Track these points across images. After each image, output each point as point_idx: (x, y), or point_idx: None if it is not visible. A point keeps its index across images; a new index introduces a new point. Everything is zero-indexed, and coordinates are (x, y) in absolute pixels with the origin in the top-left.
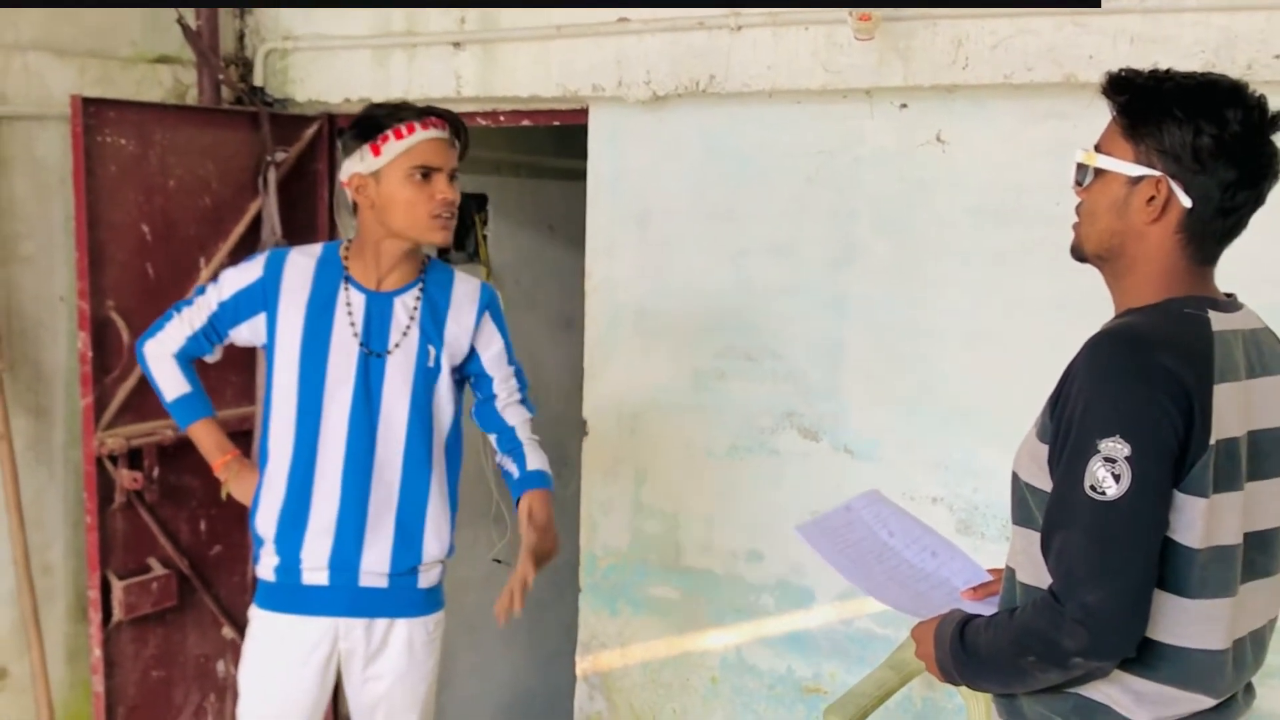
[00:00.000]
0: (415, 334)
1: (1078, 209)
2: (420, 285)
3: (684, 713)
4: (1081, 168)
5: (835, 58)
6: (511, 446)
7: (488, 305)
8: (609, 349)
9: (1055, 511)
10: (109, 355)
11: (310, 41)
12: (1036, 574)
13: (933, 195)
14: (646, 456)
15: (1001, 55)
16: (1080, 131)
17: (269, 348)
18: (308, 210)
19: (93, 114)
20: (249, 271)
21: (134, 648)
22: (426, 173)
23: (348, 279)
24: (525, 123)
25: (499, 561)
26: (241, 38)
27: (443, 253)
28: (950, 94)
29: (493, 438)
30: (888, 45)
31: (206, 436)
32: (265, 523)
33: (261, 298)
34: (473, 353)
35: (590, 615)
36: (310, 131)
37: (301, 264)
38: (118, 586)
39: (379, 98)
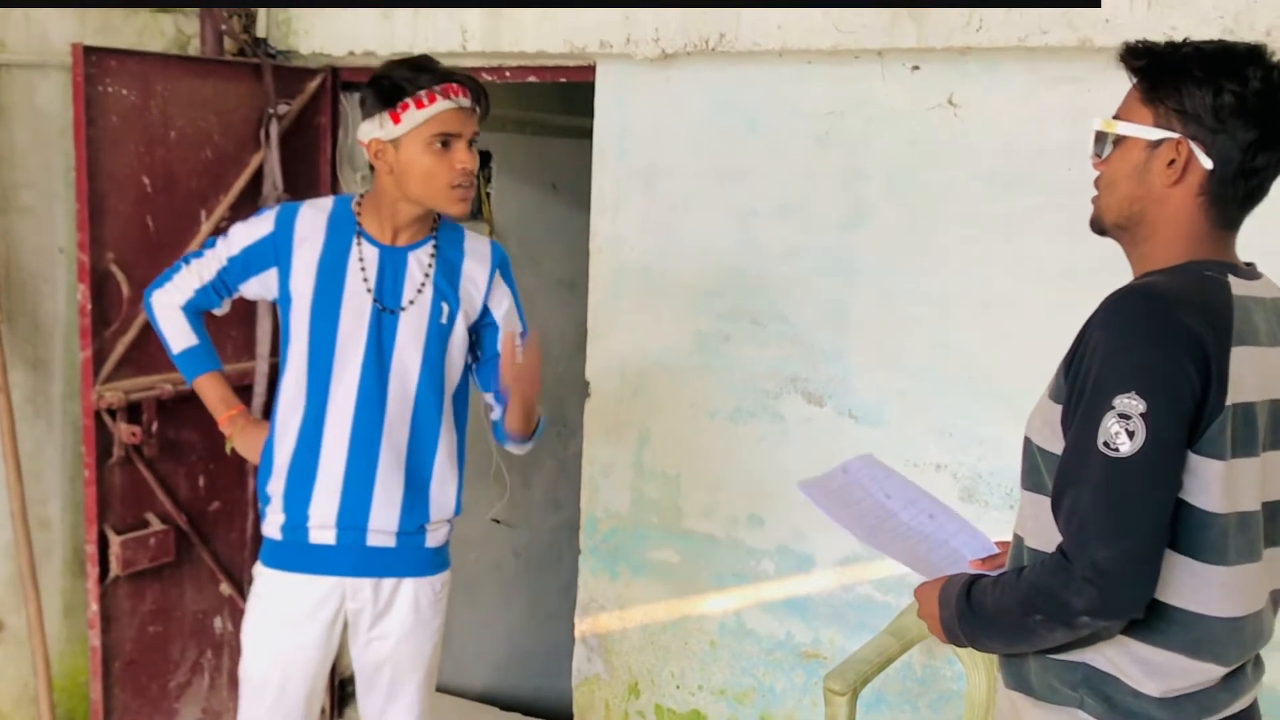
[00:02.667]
0: (429, 291)
1: (1096, 181)
2: (434, 241)
3: (682, 675)
4: (1100, 137)
5: (847, 17)
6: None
7: (499, 264)
8: (613, 309)
9: (1067, 468)
10: (108, 308)
11: (314, 5)
12: (1046, 539)
13: (944, 159)
14: (649, 419)
15: (1016, 18)
16: (1095, 96)
17: (282, 303)
18: (310, 164)
19: (94, 63)
20: (259, 226)
21: (131, 603)
22: (446, 140)
23: (361, 233)
24: (531, 79)
25: (498, 521)
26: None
27: None
28: (963, 56)
29: (488, 397)
30: (900, 6)
31: (212, 390)
32: (274, 480)
33: (273, 252)
34: (485, 312)
35: (590, 577)
36: (313, 84)
37: (313, 218)
38: (115, 541)
39: (384, 52)
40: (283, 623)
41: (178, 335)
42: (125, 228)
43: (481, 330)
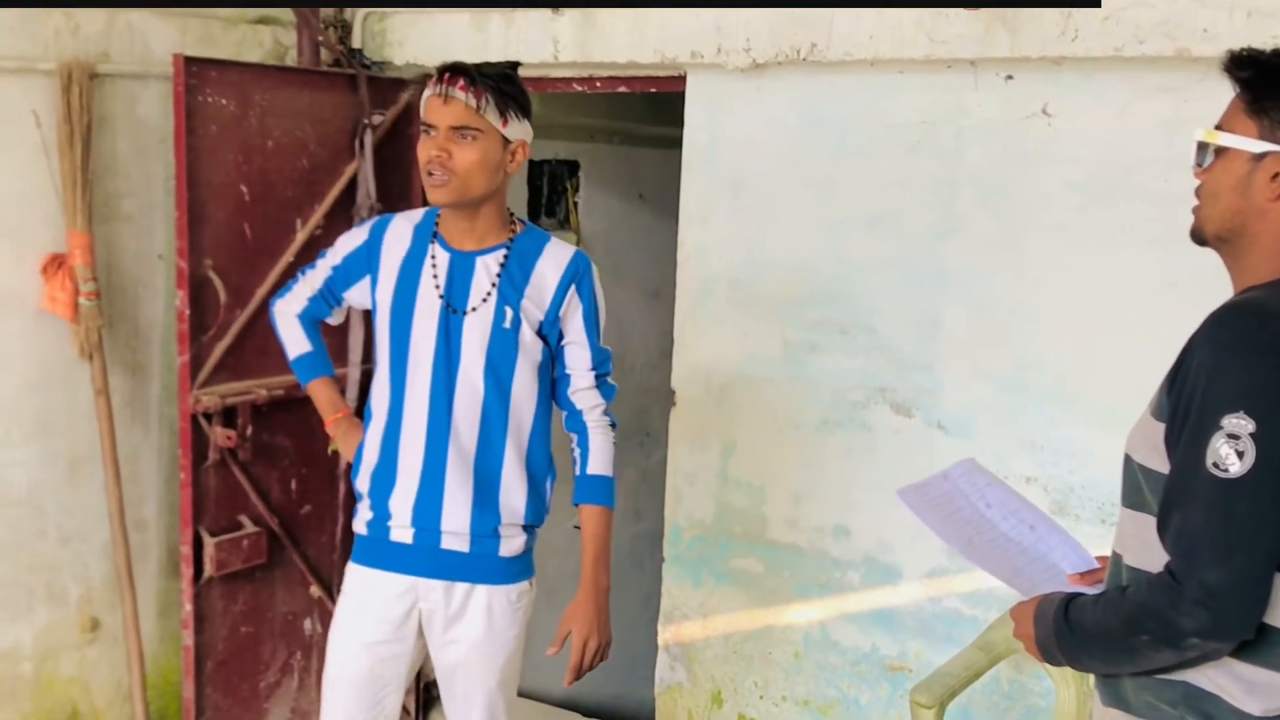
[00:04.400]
0: (495, 295)
1: (1197, 191)
2: (507, 248)
3: (765, 686)
4: (1202, 147)
5: (940, 27)
6: (576, 427)
7: (575, 276)
8: (699, 318)
9: (1175, 489)
10: (206, 314)
11: (409, 5)
12: (1146, 558)
13: (1037, 169)
14: (734, 428)
15: (1112, 27)
16: (1192, 107)
17: (372, 310)
18: (402, 174)
19: (194, 74)
20: (357, 236)
21: (224, 603)
22: (428, 129)
23: (436, 237)
24: (622, 89)
25: (579, 528)
26: (341, 5)
27: (533, 219)
28: (1058, 66)
29: (563, 415)
30: (995, 16)
31: (322, 394)
32: (362, 478)
33: (366, 261)
34: (556, 323)
35: (673, 586)
36: (406, 95)
37: (401, 228)
38: (209, 543)
39: (476, 62)
40: (361, 617)
41: (293, 342)
42: (223, 235)
43: (554, 344)
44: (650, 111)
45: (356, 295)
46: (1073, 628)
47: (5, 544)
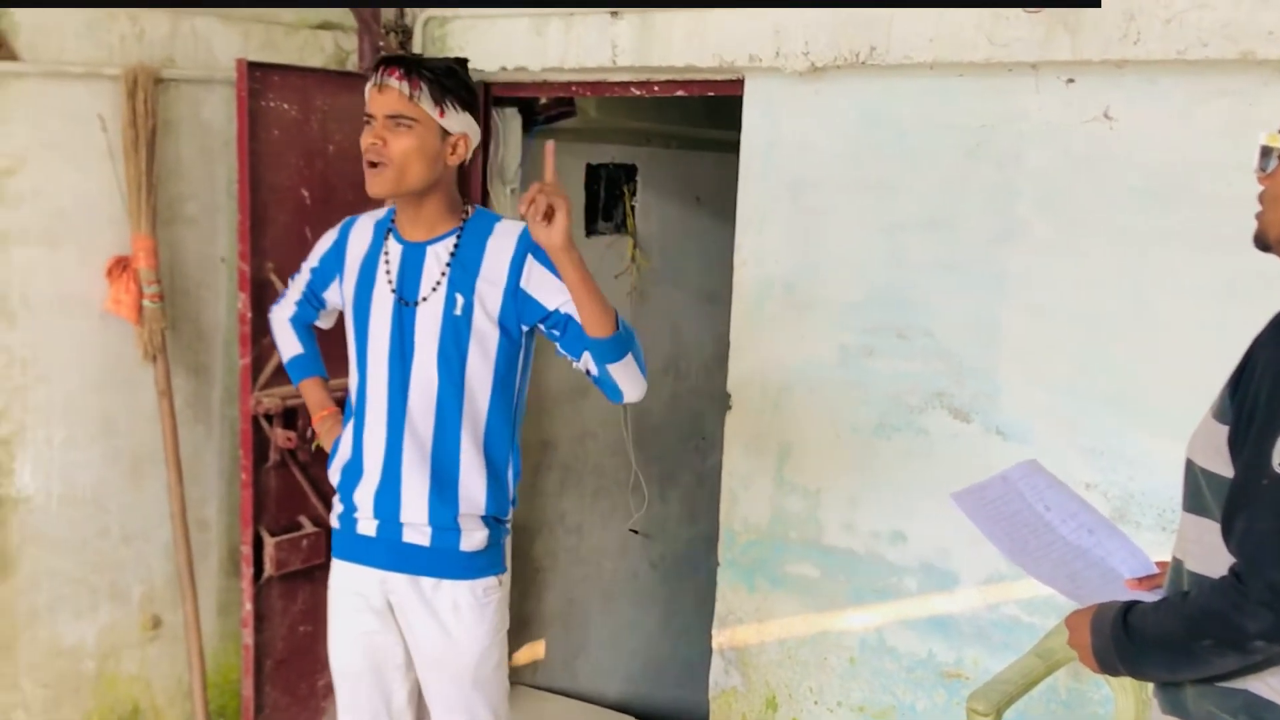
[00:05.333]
0: (445, 284)
1: (1260, 196)
2: (457, 235)
3: (820, 691)
4: (1265, 152)
5: (1001, 30)
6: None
7: (530, 247)
8: (755, 322)
9: (1240, 492)
10: (267, 316)
11: (469, 9)
12: (1209, 563)
13: (1098, 173)
14: (790, 432)
15: (1175, 30)
16: (1256, 110)
17: (344, 308)
18: (461, 177)
19: (257, 78)
20: (329, 237)
21: (283, 603)
22: (367, 119)
23: (390, 231)
24: (680, 93)
25: (635, 532)
26: (402, 5)
27: (590, 223)
28: (1120, 69)
29: (584, 358)
30: (1056, 18)
31: (311, 394)
32: (334, 471)
33: (335, 262)
34: (527, 299)
35: (728, 590)
36: None
37: (365, 225)
38: (269, 543)
39: (535, 67)
40: (343, 609)
41: (286, 345)
42: (284, 238)
43: (540, 314)
44: (707, 115)
45: (333, 295)
46: (1132, 635)
47: (70, 543)
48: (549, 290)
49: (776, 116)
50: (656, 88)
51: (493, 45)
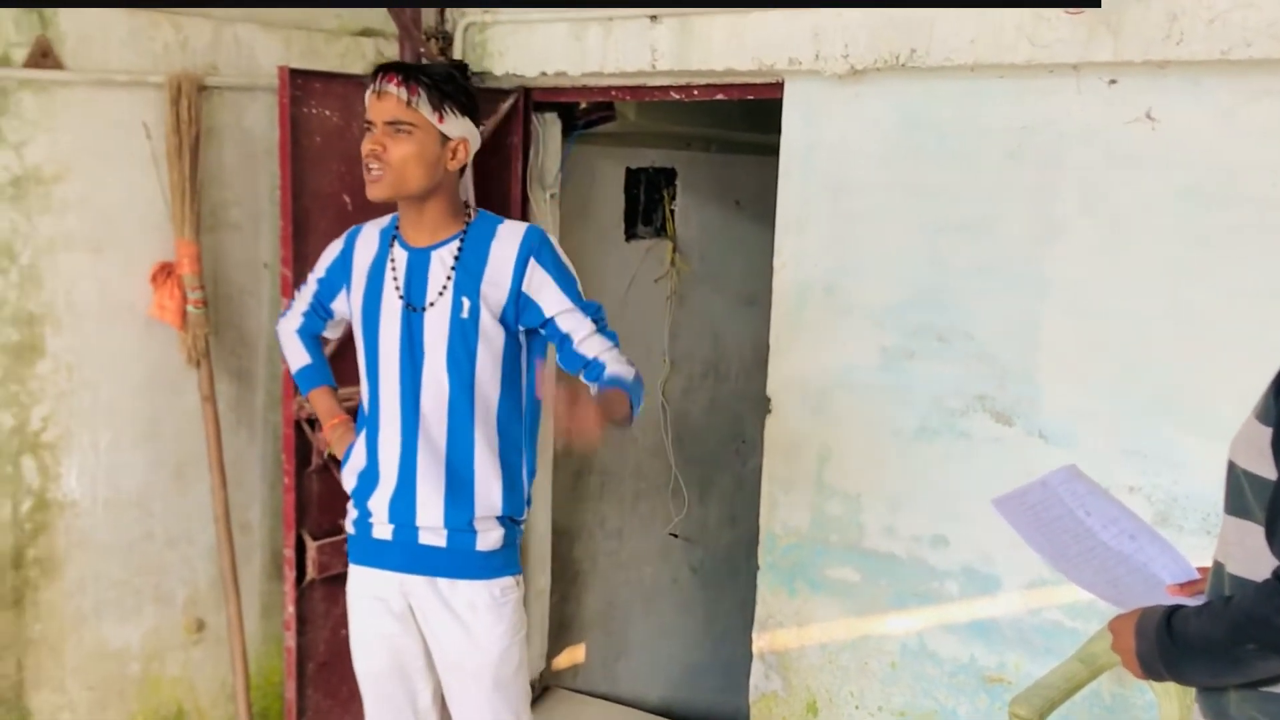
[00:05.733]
0: (451, 288)
1: None
2: (460, 239)
3: (861, 696)
4: None
5: (1042, 32)
6: (596, 370)
7: (532, 250)
8: (795, 326)
9: None
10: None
11: (510, 15)
12: (1251, 567)
13: (1141, 174)
14: (830, 436)
15: (1219, 30)
16: None
17: (353, 317)
18: (501, 183)
19: (299, 85)
20: (335, 247)
21: (325, 606)
22: (367, 126)
23: (396, 237)
24: (719, 97)
25: (675, 535)
26: (442, 11)
27: (630, 227)
28: (1162, 70)
29: (580, 374)
30: (1098, 19)
31: (321, 403)
32: (347, 478)
33: (342, 271)
34: (529, 302)
35: (768, 594)
36: (506, 105)
37: (370, 234)
38: (311, 546)
39: (574, 71)
40: (363, 612)
41: (294, 355)
42: (326, 244)
43: (539, 320)
44: (747, 119)
45: (341, 305)
46: (1175, 639)
47: (115, 546)
48: (548, 296)
49: (816, 119)
50: (696, 91)
51: (533, 50)
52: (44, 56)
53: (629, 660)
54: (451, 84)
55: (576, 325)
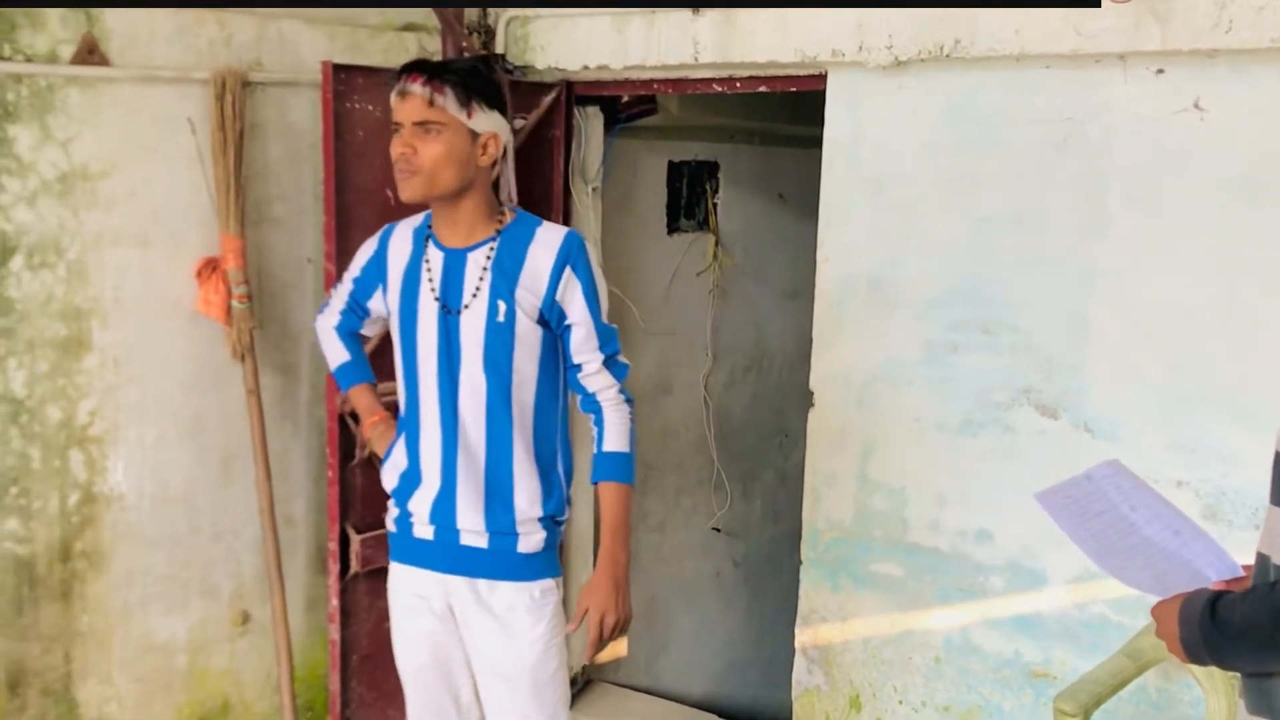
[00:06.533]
0: (486, 290)
1: None
2: (495, 240)
3: (905, 691)
4: None
5: (1088, 21)
6: (591, 407)
7: (568, 257)
8: (838, 319)
9: None
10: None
11: (552, 9)
12: None
13: (1189, 165)
14: (874, 429)
15: (1269, 17)
16: None
17: (390, 317)
18: (543, 177)
19: (342, 80)
20: (369, 246)
21: (368, 599)
22: (395, 127)
23: (430, 238)
24: (762, 89)
25: (718, 530)
26: (485, 6)
27: (672, 221)
28: (1211, 59)
29: (576, 398)
30: (1145, 8)
31: (360, 400)
32: (388, 477)
33: (377, 270)
34: (555, 306)
35: (811, 588)
36: (548, 99)
37: (403, 233)
38: (355, 540)
39: (616, 65)
40: (403, 611)
41: (333, 353)
42: (369, 239)
43: (562, 329)
44: (790, 111)
45: (377, 304)
46: (1219, 625)
47: (162, 540)
48: (574, 305)
49: (859, 111)
50: (739, 84)
51: (575, 44)
52: (90, 53)
53: (671, 654)
54: (477, 78)
55: (586, 351)
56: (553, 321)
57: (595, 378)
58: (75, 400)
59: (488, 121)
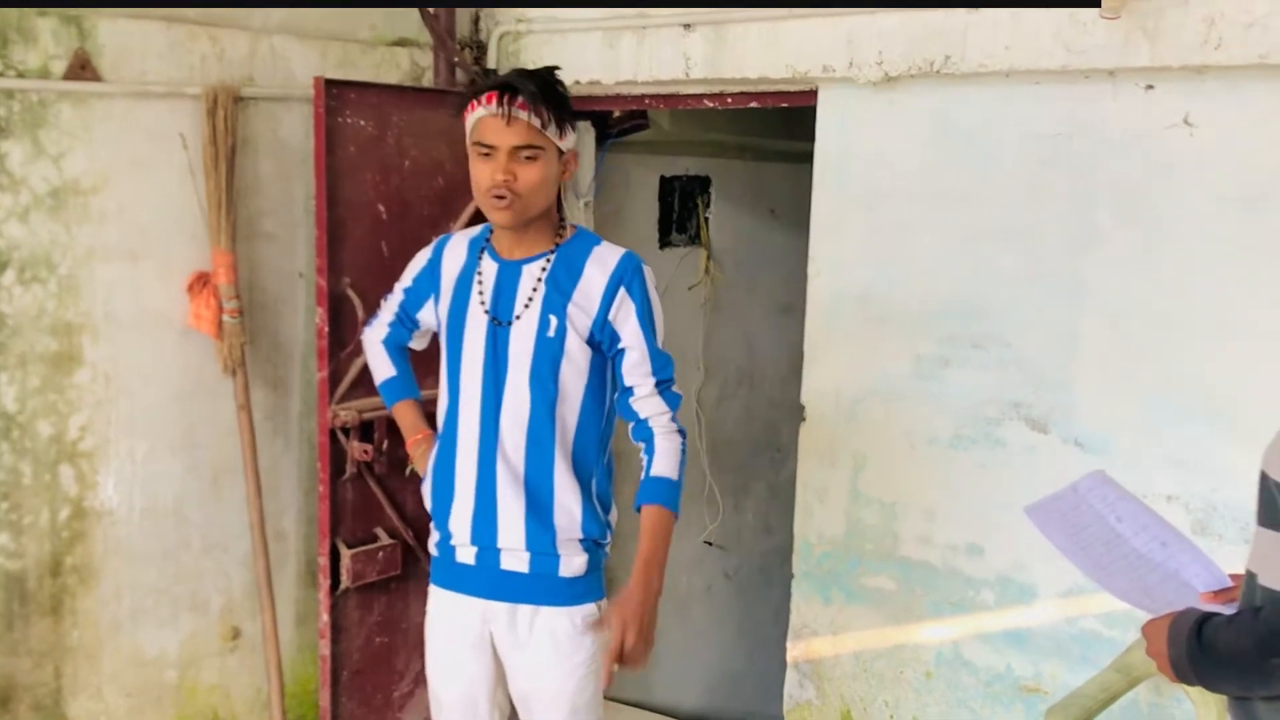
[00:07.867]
0: (538, 303)
1: None
2: (551, 254)
3: (896, 705)
4: None
5: (1078, 37)
6: (643, 435)
7: (623, 277)
8: (830, 333)
9: None
10: (344, 330)
11: (543, 24)
12: None
13: (1179, 180)
14: (865, 444)
15: (1257, 34)
16: None
17: (439, 327)
18: None
19: (334, 95)
20: (423, 257)
21: (359, 614)
22: (487, 151)
23: (486, 248)
24: (753, 105)
25: (710, 544)
26: (477, 21)
27: (664, 235)
28: (1200, 75)
29: (629, 426)
30: (1134, 24)
31: (404, 416)
32: (428, 497)
33: (429, 281)
34: (608, 326)
35: (802, 602)
36: None
37: (458, 244)
38: (346, 554)
39: (608, 80)
40: (442, 638)
41: (379, 367)
42: (361, 254)
43: (615, 352)
44: (781, 126)
45: (427, 315)
46: (1205, 649)
47: (152, 554)
48: (627, 328)
49: (850, 127)
50: (730, 99)
51: (567, 58)
52: (82, 69)
53: (663, 668)
54: (562, 96)
55: (639, 376)
56: (604, 343)
57: (647, 402)
58: (66, 415)
59: (572, 140)
